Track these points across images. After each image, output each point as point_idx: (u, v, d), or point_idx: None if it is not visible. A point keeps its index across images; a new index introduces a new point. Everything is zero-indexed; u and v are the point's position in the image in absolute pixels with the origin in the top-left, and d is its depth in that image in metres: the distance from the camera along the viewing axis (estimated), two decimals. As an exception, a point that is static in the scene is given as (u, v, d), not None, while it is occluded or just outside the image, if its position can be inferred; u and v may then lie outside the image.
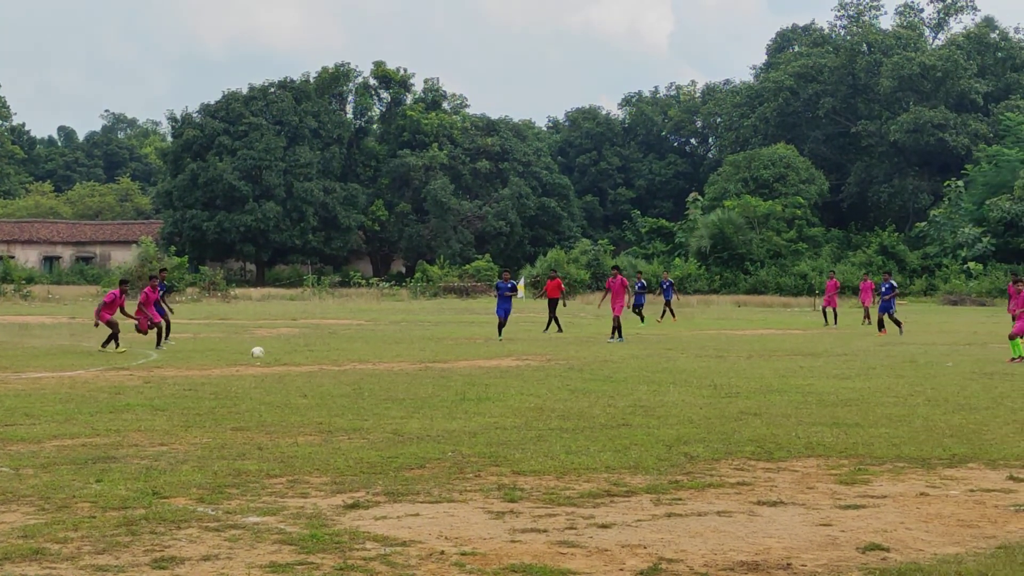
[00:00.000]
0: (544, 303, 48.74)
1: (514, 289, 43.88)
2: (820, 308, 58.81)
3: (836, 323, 54.72)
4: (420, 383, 25.05)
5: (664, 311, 58.68)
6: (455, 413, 19.69)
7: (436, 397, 22.17)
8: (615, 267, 45.31)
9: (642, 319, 55.63)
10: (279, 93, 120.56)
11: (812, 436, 17.33)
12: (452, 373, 27.50)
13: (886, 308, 47.09)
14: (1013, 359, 32.16)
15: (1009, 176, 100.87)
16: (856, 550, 10.55)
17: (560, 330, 45.67)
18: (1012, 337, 32.83)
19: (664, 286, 59.44)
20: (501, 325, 41.87)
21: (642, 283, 58.60)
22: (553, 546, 10.57)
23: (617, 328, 40.51)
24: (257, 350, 31.47)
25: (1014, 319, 33.11)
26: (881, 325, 47.01)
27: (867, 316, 55.69)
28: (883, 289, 47.33)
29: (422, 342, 39.03)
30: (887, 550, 10.53)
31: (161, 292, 36.62)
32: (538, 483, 13.55)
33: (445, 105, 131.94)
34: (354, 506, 12.19)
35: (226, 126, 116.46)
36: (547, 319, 46.41)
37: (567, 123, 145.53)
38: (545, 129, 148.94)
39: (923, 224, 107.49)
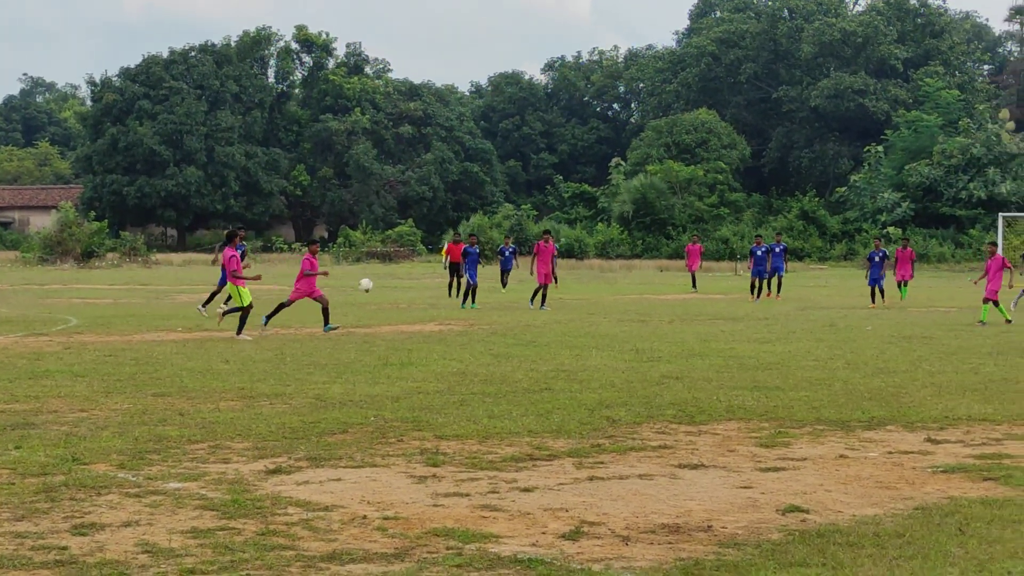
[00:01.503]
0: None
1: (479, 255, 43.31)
2: (742, 273, 58.13)
3: (695, 288, 54.22)
4: (343, 348, 25.02)
5: (505, 280, 55.39)
6: (378, 378, 19.70)
7: (359, 362, 22.16)
8: (546, 231, 44.85)
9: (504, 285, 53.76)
10: (200, 57, 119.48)
11: (733, 400, 17.47)
12: (375, 338, 27.49)
13: (776, 270, 47.36)
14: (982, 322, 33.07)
15: (928, 142, 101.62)
16: (776, 512, 10.65)
17: (458, 296, 45.10)
18: (986, 301, 33.71)
19: (506, 253, 55.78)
20: (469, 292, 40.66)
21: (513, 248, 57.00)
22: (476, 510, 10.60)
23: (539, 294, 40.13)
24: (365, 282, 30.79)
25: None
26: (778, 288, 47.31)
27: (694, 282, 55.18)
28: (759, 253, 47.09)
29: (345, 307, 38.90)
30: (807, 512, 10.64)
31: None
32: (461, 447, 13.59)
33: (367, 70, 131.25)
34: (276, 471, 12.18)
35: (146, 90, 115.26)
36: (448, 283, 46.10)
37: (490, 88, 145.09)
38: (468, 94, 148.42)
39: (843, 189, 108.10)
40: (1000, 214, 76.38)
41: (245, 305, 27.57)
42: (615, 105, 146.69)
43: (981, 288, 34.71)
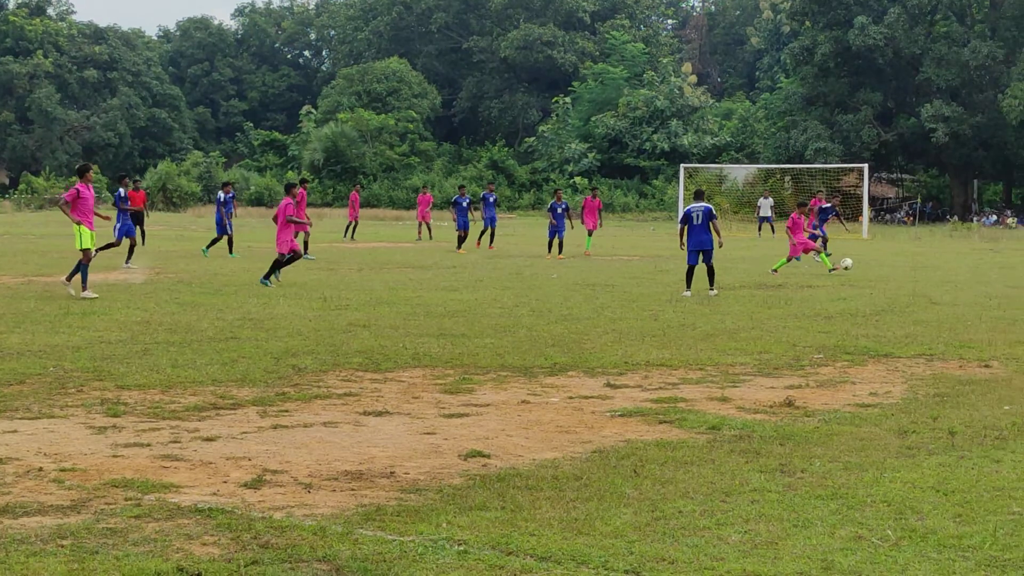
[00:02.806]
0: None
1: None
2: (447, 223, 57.21)
3: (432, 237, 54.18)
4: (22, 297, 24.38)
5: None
6: (58, 328, 19.24)
7: (39, 311, 21.60)
8: (303, 180, 42.97)
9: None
10: None
11: (419, 347, 17.60)
12: (56, 287, 26.79)
13: (490, 220, 47.49)
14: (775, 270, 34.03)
15: (614, 94, 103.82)
16: (458, 457, 10.80)
17: (144, 243, 44.08)
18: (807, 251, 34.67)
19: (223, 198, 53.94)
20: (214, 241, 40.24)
21: (232, 194, 54.98)
22: (156, 460, 10.49)
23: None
24: (847, 261, 30.06)
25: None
26: (491, 239, 47.41)
27: (420, 232, 55.11)
28: (463, 204, 46.72)
29: (26, 255, 37.89)
30: (488, 457, 10.81)
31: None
32: (143, 397, 13.40)
33: (50, 11, 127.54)
34: (-52, 424, 11.84)
35: None
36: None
37: (178, 33, 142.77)
38: (156, 38, 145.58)
39: (532, 139, 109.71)
40: (682, 165, 78.30)
41: (84, 248, 25.76)
42: (306, 52, 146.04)
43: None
